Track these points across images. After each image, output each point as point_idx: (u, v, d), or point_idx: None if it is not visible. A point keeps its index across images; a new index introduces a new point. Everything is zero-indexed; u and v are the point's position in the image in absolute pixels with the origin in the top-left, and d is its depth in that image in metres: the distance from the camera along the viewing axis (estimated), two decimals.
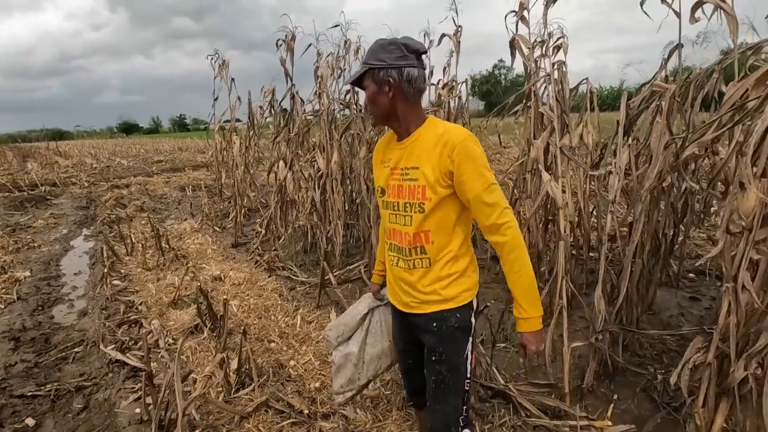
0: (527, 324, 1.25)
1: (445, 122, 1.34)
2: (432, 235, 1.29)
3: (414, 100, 1.31)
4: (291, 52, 3.78)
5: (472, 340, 1.36)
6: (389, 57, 1.26)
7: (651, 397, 2.10)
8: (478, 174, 1.20)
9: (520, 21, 2.92)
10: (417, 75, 1.28)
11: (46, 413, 2.35)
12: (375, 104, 1.33)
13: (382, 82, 1.27)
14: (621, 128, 2.28)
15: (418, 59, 1.30)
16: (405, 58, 1.26)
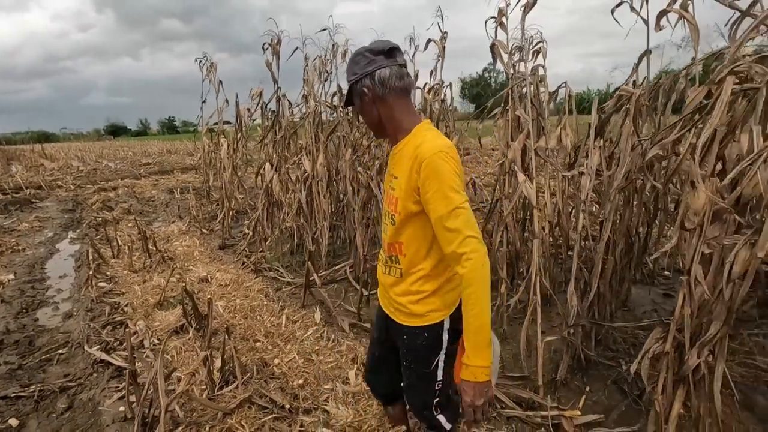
0: (467, 372, 1.15)
1: (430, 132, 1.26)
2: (404, 248, 1.27)
3: (396, 102, 1.26)
4: (277, 55, 3.83)
5: (445, 353, 1.32)
6: (359, 68, 1.26)
7: (621, 388, 2.19)
8: (443, 195, 1.12)
9: (499, 27, 3.03)
10: (389, 74, 1.23)
11: (29, 414, 2.36)
12: (365, 117, 1.34)
13: (360, 93, 1.26)
14: (592, 131, 2.38)
15: (388, 57, 1.26)
16: (373, 63, 1.24)
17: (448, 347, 1.33)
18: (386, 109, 1.26)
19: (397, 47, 1.28)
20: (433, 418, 1.42)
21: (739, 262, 1.32)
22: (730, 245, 1.36)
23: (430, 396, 1.39)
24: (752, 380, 2.18)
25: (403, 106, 1.27)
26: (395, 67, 1.24)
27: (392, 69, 1.24)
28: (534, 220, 2.26)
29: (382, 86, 1.23)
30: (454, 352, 1.35)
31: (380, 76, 1.23)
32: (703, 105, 1.73)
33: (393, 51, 1.26)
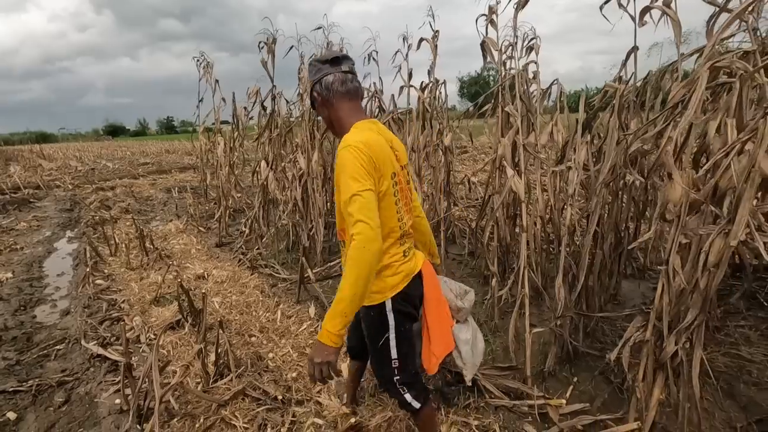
0: (319, 332, 1.28)
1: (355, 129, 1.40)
2: (345, 234, 1.38)
3: (340, 104, 1.44)
4: (272, 54, 3.87)
5: (395, 331, 1.45)
6: (311, 76, 1.47)
7: (608, 378, 2.23)
8: (345, 183, 1.27)
9: (489, 24, 3.06)
10: (332, 80, 1.42)
11: (27, 407, 2.40)
12: (322, 118, 1.54)
13: (313, 98, 1.49)
14: (579, 126, 2.42)
15: (333, 65, 1.43)
16: (320, 71, 1.44)
17: (400, 328, 1.47)
18: (332, 110, 1.46)
19: (344, 56, 1.47)
20: (399, 395, 1.55)
21: (713, 251, 1.36)
22: (705, 235, 1.40)
23: (390, 372, 1.51)
24: (736, 370, 2.23)
25: (346, 108, 1.45)
26: (339, 73, 1.43)
27: (336, 75, 1.42)
28: (523, 215, 2.30)
29: (327, 90, 1.43)
30: (410, 335, 1.52)
31: (326, 81, 1.43)
32: (681, 100, 1.77)
33: (338, 60, 1.45)
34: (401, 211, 1.44)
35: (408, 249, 1.49)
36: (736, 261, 3.04)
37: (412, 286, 1.47)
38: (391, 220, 1.40)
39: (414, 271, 1.49)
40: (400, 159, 1.49)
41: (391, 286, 1.43)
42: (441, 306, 1.60)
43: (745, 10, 1.62)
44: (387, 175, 1.36)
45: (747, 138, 1.33)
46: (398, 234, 1.43)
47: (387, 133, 1.50)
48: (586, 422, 1.84)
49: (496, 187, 2.75)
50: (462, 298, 1.74)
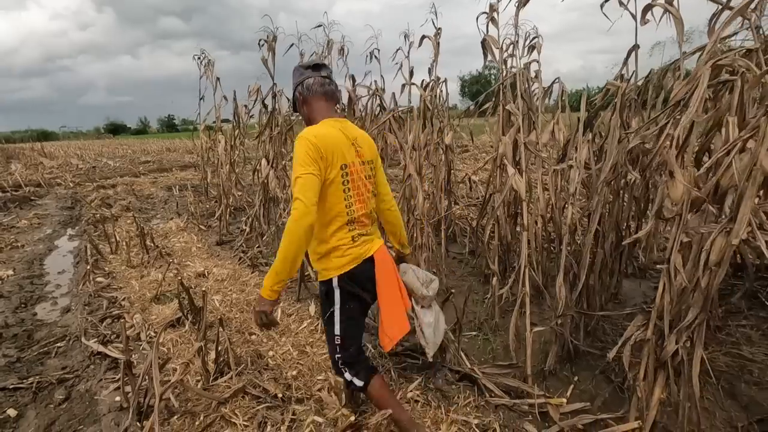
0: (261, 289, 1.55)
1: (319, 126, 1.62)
2: None
3: (316, 103, 1.69)
4: (272, 52, 3.86)
5: (339, 308, 1.66)
6: (294, 78, 1.74)
7: (608, 377, 2.23)
8: (293, 168, 1.51)
9: (490, 22, 3.05)
10: (313, 82, 1.68)
11: (27, 404, 2.40)
12: (301, 115, 1.79)
13: (296, 98, 1.75)
14: (581, 125, 2.41)
15: (315, 71, 1.71)
16: (302, 74, 1.70)
17: (344, 305, 1.66)
18: (309, 108, 1.71)
19: (323, 64, 1.76)
20: (341, 373, 1.74)
21: (715, 250, 1.35)
22: (707, 234, 1.39)
23: (333, 349, 1.73)
24: (738, 370, 2.22)
25: (321, 107, 1.70)
26: (319, 77, 1.69)
27: (316, 79, 1.69)
28: (524, 214, 2.29)
29: (308, 91, 1.69)
30: (354, 315, 1.69)
31: (307, 83, 1.69)
32: (683, 98, 1.76)
33: (318, 66, 1.73)
34: (350, 199, 1.62)
35: (358, 235, 1.65)
36: (738, 260, 3.03)
37: (360, 268, 1.64)
38: (337, 205, 1.59)
39: (363, 255, 1.65)
40: (362, 155, 1.68)
41: (338, 266, 1.62)
42: (394, 291, 1.74)
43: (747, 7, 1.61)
44: (335, 166, 1.56)
45: (749, 136, 1.32)
46: (345, 219, 1.61)
47: (352, 131, 1.70)
48: (587, 421, 1.83)
49: (497, 186, 2.74)
50: (427, 287, 1.91)
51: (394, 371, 2.29)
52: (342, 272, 1.62)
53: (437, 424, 1.92)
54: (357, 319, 1.73)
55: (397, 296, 1.75)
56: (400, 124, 3.64)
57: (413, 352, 2.46)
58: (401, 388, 2.17)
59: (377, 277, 1.68)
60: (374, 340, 2.63)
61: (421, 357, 2.37)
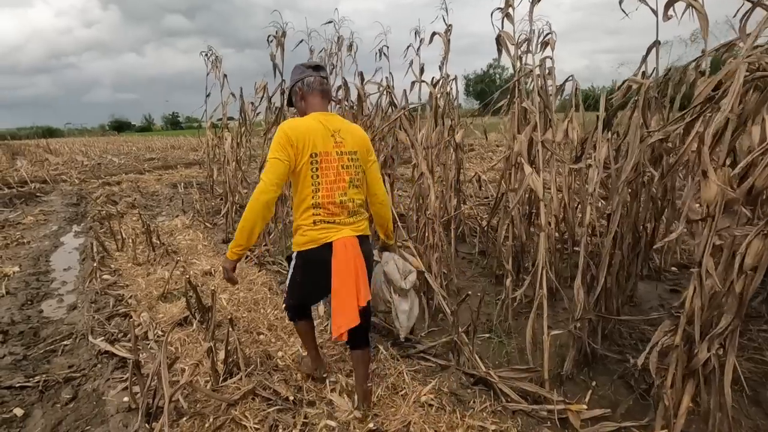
0: None
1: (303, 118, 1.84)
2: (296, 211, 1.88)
3: (313, 99, 1.89)
4: (281, 48, 3.81)
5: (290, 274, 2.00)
6: (296, 75, 1.93)
7: (628, 383, 2.17)
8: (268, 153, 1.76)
9: (505, 18, 2.99)
10: (314, 80, 1.88)
11: (34, 403, 2.36)
12: (297, 109, 1.97)
13: (295, 92, 1.93)
14: (600, 123, 2.35)
15: (315, 71, 1.91)
16: (304, 73, 1.90)
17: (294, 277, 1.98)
18: (306, 103, 1.90)
19: (323, 66, 1.99)
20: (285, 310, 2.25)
21: (751, 253, 1.29)
22: (741, 236, 1.33)
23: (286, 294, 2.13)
24: (761, 376, 2.16)
25: (315, 103, 1.89)
26: (318, 77, 1.90)
27: (315, 78, 1.89)
28: (541, 214, 2.24)
29: (308, 87, 1.89)
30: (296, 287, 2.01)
31: (308, 81, 1.89)
32: (712, 96, 1.70)
33: (318, 67, 1.95)
34: (317, 185, 1.77)
35: (321, 221, 1.80)
36: None
37: (314, 251, 1.82)
38: (305, 190, 1.79)
39: (321, 240, 1.81)
40: (343, 145, 1.83)
41: (299, 243, 1.86)
42: (348, 283, 1.79)
43: None
44: (305, 154, 1.74)
45: None
46: (310, 203, 1.79)
47: (335, 124, 1.85)
48: (609, 429, 1.78)
49: (511, 185, 2.68)
50: (405, 278, 2.16)
51: (407, 374, 2.24)
52: (301, 249, 1.86)
53: (453, 430, 1.87)
54: (301, 289, 2.02)
55: (351, 289, 1.79)
56: (410, 121, 3.58)
57: (426, 354, 2.41)
58: (414, 391, 2.12)
59: (333, 264, 1.80)
60: (385, 341, 2.59)
61: (435, 359, 2.32)
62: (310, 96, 1.88)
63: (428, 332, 2.77)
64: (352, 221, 1.86)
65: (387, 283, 2.23)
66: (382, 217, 2.13)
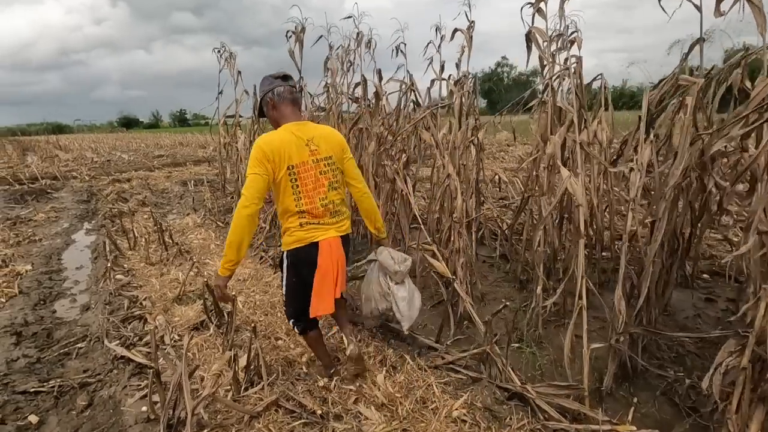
0: None
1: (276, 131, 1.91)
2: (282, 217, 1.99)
3: (284, 109, 1.95)
4: (300, 44, 3.70)
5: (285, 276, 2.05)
6: (265, 86, 1.97)
7: (672, 400, 2.05)
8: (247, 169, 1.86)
9: (536, 13, 2.87)
10: (283, 90, 1.94)
11: (49, 410, 2.29)
12: (269, 118, 2.02)
13: (266, 103, 1.98)
14: (643, 123, 2.22)
15: (283, 80, 1.97)
16: (273, 83, 1.95)
17: (290, 278, 2.02)
18: (278, 113, 1.96)
19: (290, 76, 2.04)
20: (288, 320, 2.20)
21: None
22: None
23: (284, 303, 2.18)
24: None
25: (287, 112, 1.95)
26: (287, 87, 1.96)
27: (285, 87, 1.95)
28: (579, 219, 2.12)
29: (279, 97, 1.94)
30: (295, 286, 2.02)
31: (278, 91, 1.94)
32: None
33: (287, 77, 2.00)
34: (298, 194, 1.88)
35: (307, 223, 1.92)
36: None
37: (303, 250, 1.93)
38: (287, 199, 1.89)
39: (308, 240, 1.92)
40: (318, 152, 1.92)
41: (288, 243, 1.96)
42: (329, 276, 1.94)
43: None
44: (282, 167, 1.83)
45: None
46: (294, 210, 1.90)
47: (309, 132, 1.93)
48: None
49: (543, 189, 2.56)
50: (401, 264, 2.18)
51: (436, 386, 2.13)
52: (289, 248, 1.96)
53: None
54: (296, 291, 2.03)
55: (331, 284, 1.95)
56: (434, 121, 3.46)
57: (455, 365, 2.31)
58: (445, 405, 2.02)
59: (318, 260, 1.92)
60: (411, 351, 2.48)
61: (466, 371, 2.22)
62: (281, 105, 1.94)
63: (454, 340, 2.66)
64: (336, 221, 2.00)
65: (384, 275, 2.25)
66: (368, 209, 2.21)
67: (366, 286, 2.36)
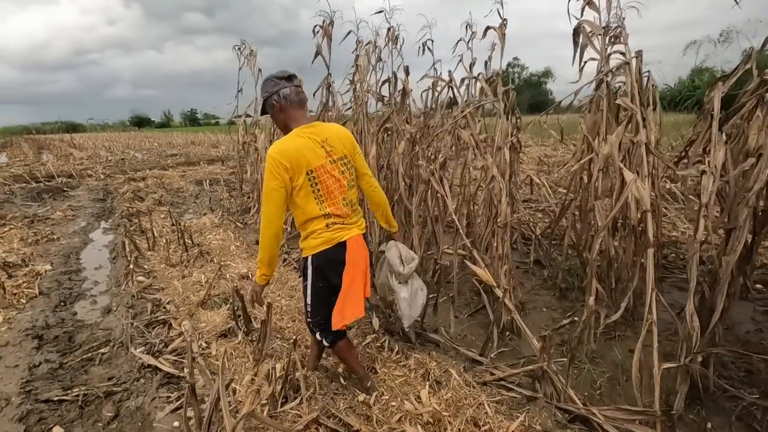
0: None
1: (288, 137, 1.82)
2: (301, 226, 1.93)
3: (292, 111, 1.86)
4: (329, 38, 3.56)
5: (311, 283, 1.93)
6: (269, 88, 1.86)
7: (751, 426, 1.87)
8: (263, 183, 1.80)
9: (587, 6, 2.70)
10: (289, 92, 1.84)
11: (74, 421, 2.17)
12: (275, 121, 1.95)
13: (271, 105, 1.87)
14: (716, 122, 2.04)
15: (288, 81, 1.85)
16: (278, 84, 1.84)
17: (316, 283, 1.92)
18: (286, 115, 1.87)
19: (295, 75, 1.88)
20: (312, 332, 2.08)
21: None
22: None
23: (306, 314, 2.03)
24: None
25: (296, 114, 1.88)
26: (293, 87, 1.85)
27: (291, 89, 1.84)
28: (648, 226, 1.94)
29: (285, 100, 1.84)
30: (323, 292, 1.92)
31: (283, 93, 1.83)
32: None
33: (291, 77, 1.87)
34: (321, 198, 1.83)
35: (333, 223, 1.86)
36: None
37: (331, 250, 1.87)
38: (310, 206, 1.82)
39: (336, 240, 1.87)
40: (334, 153, 1.86)
41: (313, 246, 1.87)
42: (359, 276, 1.92)
43: None
44: (301, 173, 1.77)
45: None
46: (318, 214, 1.83)
47: (323, 133, 1.86)
48: None
49: (598, 192, 2.38)
50: (406, 265, 2.16)
51: (488, 405, 1.97)
52: (316, 252, 1.87)
53: None
54: (324, 296, 1.94)
55: (360, 281, 1.93)
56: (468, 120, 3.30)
57: (505, 381, 2.14)
58: (500, 427, 1.85)
59: (346, 259, 1.88)
60: (456, 365, 2.32)
61: (519, 389, 2.05)
62: (289, 108, 1.86)
63: (498, 353, 2.50)
64: (356, 220, 1.98)
65: (390, 272, 2.25)
66: (378, 204, 2.17)
67: (378, 272, 2.40)
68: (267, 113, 1.96)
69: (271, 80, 1.87)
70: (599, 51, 2.52)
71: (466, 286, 3.41)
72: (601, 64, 2.59)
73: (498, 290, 2.42)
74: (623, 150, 2.56)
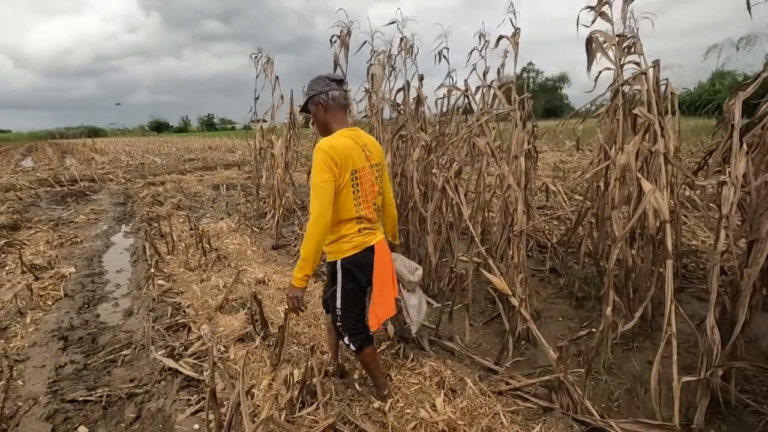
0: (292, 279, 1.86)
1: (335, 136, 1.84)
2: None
3: (337, 113, 1.91)
4: (345, 48, 3.62)
5: (341, 286, 1.94)
6: (319, 87, 1.89)
7: None
8: (312, 176, 1.78)
9: (599, 16, 2.70)
10: (337, 94, 1.89)
11: (98, 421, 2.25)
12: (316, 119, 1.96)
13: (317, 103, 1.90)
14: (736, 132, 2.01)
15: (338, 84, 1.91)
16: (328, 85, 1.88)
17: (345, 286, 1.93)
18: (330, 116, 1.92)
19: (344, 80, 2.00)
20: (340, 337, 2.07)
21: None
22: None
23: (335, 317, 2.03)
24: None
25: (339, 117, 1.93)
26: (342, 91, 1.92)
27: (339, 92, 1.90)
28: (666, 237, 1.93)
29: (333, 101, 1.89)
30: (353, 295, 1.95)
31: (332, 94, 1.89)
32: None
33: (341, 81, 1.94)
34: (359, 199, 1.86)
35: (364, 227, 1.90)
36: None
37: (362, 254, 1.91)
38: (347, 205, 1.84)
39: (366, 244, 1.91)
40: (371, 158, 1.93)
41: (344, 251, 1.90)
42: (388, 278, 1.99)
43: None
44: (347, 171, 1.80)
45: None
46: (353, 216, 1.86)
47: (363, 138, 1.93)
48: None
49: (615, 202, 2.37)
50: (413, 273, 2.20)
51: (504, 416, 1.97)
52: (346, 255, 1.89)
53: None
54: (354, 298, 1.97)
55: (390, 283, 2.01)
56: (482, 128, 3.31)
57: (521, 391, 2.14)
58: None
59: (375, 263, 1.93)
60: (471, 374, 2.32)
61: (535, 399, 2.04)
62: (335, 110, 1.90)
63: (513, 362, 2.49)
64: (379, 226, 2.04)
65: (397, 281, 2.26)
66: (392, 216, 2.24)
67: None
68: (307, 111, 1.99)
69: (322, 79, 1.91)
70: (614, 61, 2.51)
71: (481, 294, 3.41)
72: (617, 74, 2.58)
73: (513, 299, 2.42)
74: (641, 158, 2.55)
